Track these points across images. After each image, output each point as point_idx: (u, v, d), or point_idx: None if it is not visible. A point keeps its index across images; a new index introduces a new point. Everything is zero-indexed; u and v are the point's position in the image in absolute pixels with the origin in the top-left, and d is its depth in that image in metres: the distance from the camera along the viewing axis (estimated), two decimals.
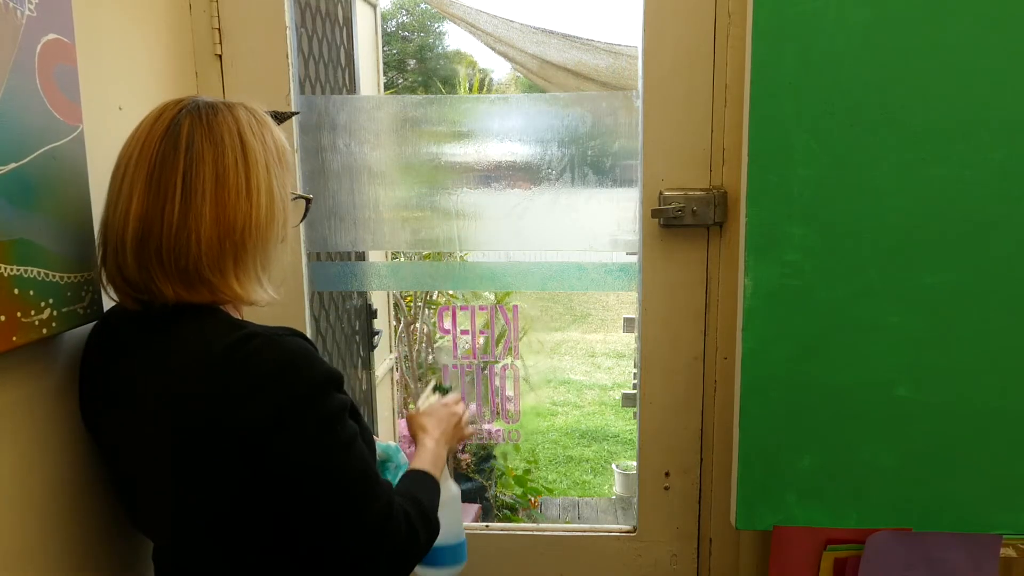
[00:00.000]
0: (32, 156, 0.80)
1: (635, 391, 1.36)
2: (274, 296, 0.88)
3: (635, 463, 1.73)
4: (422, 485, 0.95)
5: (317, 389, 0.79)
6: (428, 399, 1.10)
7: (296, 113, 0.97)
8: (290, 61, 1.26)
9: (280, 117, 0.93)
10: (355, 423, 0.83)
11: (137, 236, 0.79)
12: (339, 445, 0.79)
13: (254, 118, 0.85)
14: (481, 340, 1.48)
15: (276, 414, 0.76)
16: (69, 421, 0.90)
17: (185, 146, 0.79)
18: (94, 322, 0.91)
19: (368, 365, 2.21)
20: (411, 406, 1.04)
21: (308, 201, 0.97)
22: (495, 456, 3.19)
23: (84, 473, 0.92)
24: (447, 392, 1.24)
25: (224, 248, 0.80)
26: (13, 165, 0.77)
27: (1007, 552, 1.15)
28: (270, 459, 0.76)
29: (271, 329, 0.80)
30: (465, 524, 1.39)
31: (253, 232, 0.81)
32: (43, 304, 0.81)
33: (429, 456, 1.02)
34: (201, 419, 0.76)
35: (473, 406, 1.48)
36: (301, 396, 0.77)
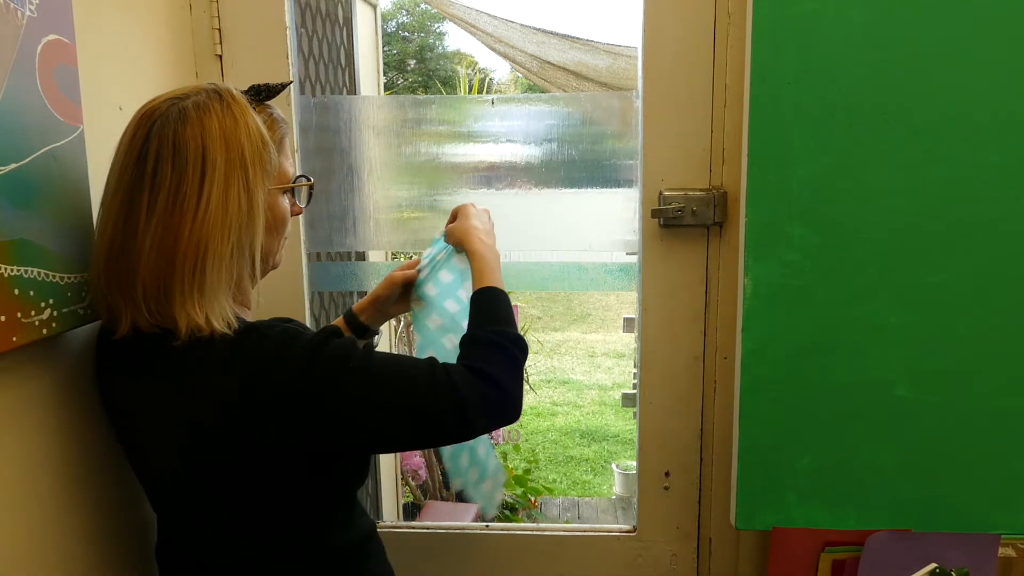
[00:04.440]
0: (32, 156, 0.80)
1: (635, 391, 1.36)
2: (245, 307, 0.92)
3: (635, 463, 1.73)
4: (500, 304, 0.95)
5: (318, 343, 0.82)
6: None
7: (289, 83, 0.94)
8: (290, 61, 1.26)
9: (271, 91, 0.91)
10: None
11: (105, 264, 0.82)
12: (359, 367, 0.81)
13: (229, 116, 0.82)
14: None
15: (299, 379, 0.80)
16: (70, 421, 0.90)
17: (152, 171, 0.79)
18: (93, 322, 0.91)
19: None
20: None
21: (311, 186, 0.97)
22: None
23: (86, 472, 0.92)
24: None
25: (173, 274, 0.80)
26: (13, 165, 0.77)
27: (1006, 552, 1.15)
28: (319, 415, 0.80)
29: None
30: (465, 524, 1.40)
31: (204, 250, 0.80)
32: (43, 304, 0.81)
33: (493, 266, 1.00)
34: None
35: None
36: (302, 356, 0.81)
